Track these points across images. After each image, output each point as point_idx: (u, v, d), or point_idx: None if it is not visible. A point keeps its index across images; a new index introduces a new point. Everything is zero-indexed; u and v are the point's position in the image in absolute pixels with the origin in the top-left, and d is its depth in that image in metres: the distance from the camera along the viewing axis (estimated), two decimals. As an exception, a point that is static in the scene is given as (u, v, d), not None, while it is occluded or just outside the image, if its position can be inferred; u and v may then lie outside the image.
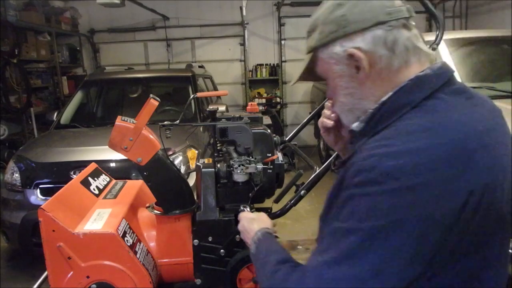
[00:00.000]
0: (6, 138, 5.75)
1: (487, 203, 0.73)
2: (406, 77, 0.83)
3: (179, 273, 1.85)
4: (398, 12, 0.84)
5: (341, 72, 0.88)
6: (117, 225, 1.62)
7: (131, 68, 6.20)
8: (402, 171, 0.70)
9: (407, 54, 0.84)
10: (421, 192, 0.69)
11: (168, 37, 7.96)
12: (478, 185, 0.72)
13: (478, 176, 0.72)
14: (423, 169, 0.70)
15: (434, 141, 0.73)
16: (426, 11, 1.69)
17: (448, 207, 0.70)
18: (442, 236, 0.70)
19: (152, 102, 1.72)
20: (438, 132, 0.74)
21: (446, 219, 0.70)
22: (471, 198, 0.71)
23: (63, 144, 3.86)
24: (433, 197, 0.69)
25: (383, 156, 0.73)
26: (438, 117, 0.77)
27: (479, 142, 0.75)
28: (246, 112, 1.98)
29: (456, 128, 0.75)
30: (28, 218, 3.17)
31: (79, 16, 7.76)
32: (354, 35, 0.84)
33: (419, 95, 0.81)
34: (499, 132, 0.81)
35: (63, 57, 7.50)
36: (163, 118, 2.16)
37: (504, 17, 6.13)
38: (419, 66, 0.85)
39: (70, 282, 1.58)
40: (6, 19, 5.52)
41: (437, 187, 0.70)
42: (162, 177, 1.77)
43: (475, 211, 0.72)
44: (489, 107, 0.85)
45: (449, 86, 0.83)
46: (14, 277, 3.42)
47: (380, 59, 0.84)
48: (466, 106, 0.81)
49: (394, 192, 0.70)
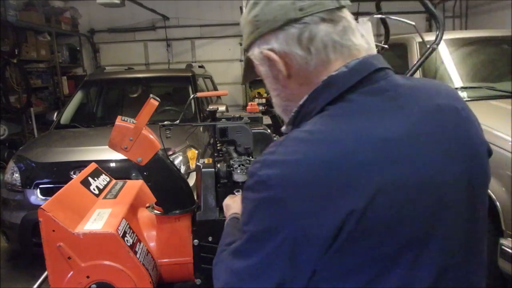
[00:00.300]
0: (6, 138, 5.75)
1: (376, 223, 0.66)
2: (325, 77, 0.77)
3: (179, 273, 1.85)
4: (312, 7, 0.75)
5: (266, 73, 0.83)
6: (117, 225, 1.62)
7: (131, 68, 6.20)
8: (275, 181, 0.67)
9: (325, 51, 0.76)
10: (293, 206, 0.66)
11: (168, 37, 7.97)
12: (360, 204, 0.65)
13: (362, 195, 0.65)
14: (295, 183, 0.66)
15: (313, 154, 0.67)
16: (426, 11, 1.69)
17: (322, 224, 0.65)
18: (318, 251, 0.66)
19: (152, 102, 1.72)
20: (321, 143, 0.68)
21: (320, 237, 0.65)
22: (350, 218, 0.64)
23: (63, 144, 3.86)
24: (305, 213, 0.65)
25: (263, 163, 0.70)
26: (330, 125, 0.71)
27: (373, 154, 0.67)
28: (246, 112, 1.98)
29: (344, 138, 0.68)
30: (28, 218, 3.16)
31: (79, 16, 7.76)
32: (268, 36, 0.78)
33: (326, 98, 0.74)
34: (434, 137, 0.73)
35: (63, 57, 7.52)
36: (163, 118, 2.16)
37: (504, 17, 6.13)
38: (342, 64, 0.76)
39: (70, 282, 1.58)
40: (6, 19, 5.53)
41: (309, 202, 0.65)
42: (162, 177, 1.77)
43: (355, 231, 0.65)
44: (427, 108, 0.76)
45: (368, 84, 0.74)
46: (14, 277, 3.41)
47: (296, 59, 0.77)
48: (380, 109, 0.72)
49: (268, 201, 0.68)
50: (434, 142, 0.73)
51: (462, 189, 0.74)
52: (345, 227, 0.65)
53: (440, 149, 0.73)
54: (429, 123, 0.74)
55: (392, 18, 2.72)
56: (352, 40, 0.78)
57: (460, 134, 0.77)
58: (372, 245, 0.67)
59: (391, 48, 2.96)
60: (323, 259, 0.66)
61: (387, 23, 2.88)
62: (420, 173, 0.70)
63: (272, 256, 0.68)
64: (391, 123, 0.71)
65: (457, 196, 0.73)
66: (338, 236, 0.65)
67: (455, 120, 0.78)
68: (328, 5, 0.76)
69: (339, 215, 0.65)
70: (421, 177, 0.70)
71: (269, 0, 0.78)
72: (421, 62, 2.57)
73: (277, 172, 0.67)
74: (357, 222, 0.65)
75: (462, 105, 0.82)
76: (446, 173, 0.72)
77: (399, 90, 0.76)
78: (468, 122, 0.80)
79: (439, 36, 2.42)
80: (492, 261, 2.36)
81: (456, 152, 0.75)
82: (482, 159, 0.80)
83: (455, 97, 0.84)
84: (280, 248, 0.67)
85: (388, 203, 0.66)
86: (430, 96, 0.78)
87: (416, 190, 0.69)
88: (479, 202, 0.78)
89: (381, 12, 2.77)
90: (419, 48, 3.43)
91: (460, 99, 0.84)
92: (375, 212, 0.66)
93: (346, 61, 0.76)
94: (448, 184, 0.72)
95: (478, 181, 0.78)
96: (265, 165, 0.70)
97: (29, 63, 6.60)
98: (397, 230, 0.67)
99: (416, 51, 3.44)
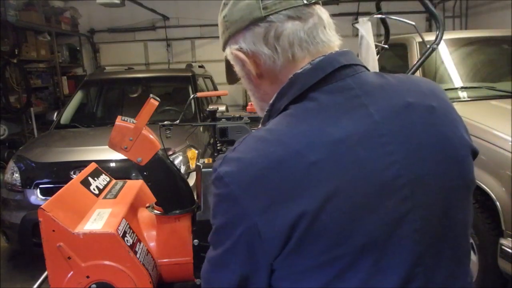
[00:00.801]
0: (6, 138, 5.75)
1: (330, 225, 0.64)
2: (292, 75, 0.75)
3: (179, 273, 1.85)
4: (277, 4, 0.74)
5: (240, 73, 0.83)
6: (117, 225, 1.62)
7: (131, 68, 6.20)
8: (231, 179, 0.67)
9: (292, 50, 0.75)
10: (246, 203, 0.66)
11: (168, 37, 7.97)
12: (311, 206, 0.63)
13: (313, 196, 0.64)
14: (248, 181, 0.66)
15: (267, 153, 0.67)
16: (426, 11, 1.69)
17: (274, 224, 0.65)
18: (273, 250, 0.66)
19: (152, 102, 1.73)
20: (277, 143, 0.67)
21: (273, 236, 0.65)
22: (301, 219, 0.63)
23: (63, 144, 3.87)
24: (257, 211, 0.65)
25: (223, 160, 0.71)
26: (288, 124, 0.70)
27: (326, 155, 0.65)
28: (246, 112, 1.98)
29: (299, 138, 0.67)
30: (28, 218, 3.17)
31: (79, 16, 7.76)
32: (237, 36, 0.78)
33: (289, 96, 0.74)
34: (400, 137, 0.70)
35: (63, 57, 7.52)
36: (163, 118, 2.16)
37: (504, 17, 6.14)
38: (310, 61, 0.75)
39: (70, 282, 1.58)
40: (6, 19, 5.52)
41: (260, 202, 0.65)
42: (162, 177, 1.77)
43: (308, 233, 0.64)
44: (395, 106, 0.72)
45: (333, 82, 0.72)
46: (14, 277, 3.41)
47: (264, 58, 0.76)
48: (340, 107, 0.70)
49: (225, 197, 0.69)
50: (398, 142, 0.70)
51: (431, 192, 0.70)
52: (296, 228, 0.64)
53: (405, 150, 0.70)
54: (394, 123, 0.71)
55: (392, 18, 2.72)
56: (321, 36, 0.76)
57: (432, 134, 0.73)
58: (328, 247, 0.65)
59: (391, 48, 2.96)
60: (279, 257, 0.67)
61: (387, 23, 2.88)
62: (378, 175, 0.67)
63: (232, 250, 0.70)
64: (349, 123, 0.69)
65: (425, 199, 0.70)
66: (291, 236, 0.65)
67: (427, 119, 0.74)
68: (295, 2, 0.75)
69: (290, 216, 0.64)
70: (380, 179, 0.67)
71: (236, 0, 0.78)
72: (421, 62, 2.57)
73: (233, 170, 0.68)
74: (310, 224, 0.64)
75: (442, 104, 0.77)
76: (411, 175, 0.69)
77: (365, 88, 0.73)
78: (445, 122, 0.76)
79: (439, 36, 2.42)
80: (492, 261, 2.36)
81: (424, 153, 0.71)
82: (460, 161, 0.75)
83: (434, 95, 0.78)
84: (238, 243, 0.68)
85: (342, 206, 0.65)
86: (401, 95, 0.75)
87: (374, 193, 0.66)
88: (455, 206, 0.74)
89: (381, 12, 2.76)
90: (419, 48, 3.43)
91: (439, 98, 0.78)
92: (329, 215, 0.64)
93: (313, 58, 0.75)
94: (413, 187, 0.69)
95: (453, 183, 0.73)
96: (224, 162, 0.70)
97: (29, 63, 6.60)
98: (353, 233, 0.65)
99: (416, 51, 3.44)
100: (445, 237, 0.72)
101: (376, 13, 2.76)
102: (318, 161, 0.65)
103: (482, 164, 2.37)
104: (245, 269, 0.70)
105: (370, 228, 0.66)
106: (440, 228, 0.72)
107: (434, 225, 0.71)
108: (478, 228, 2.42)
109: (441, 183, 0.72)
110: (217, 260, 0.73)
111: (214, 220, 0.72)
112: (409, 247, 0.68)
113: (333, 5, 7.64)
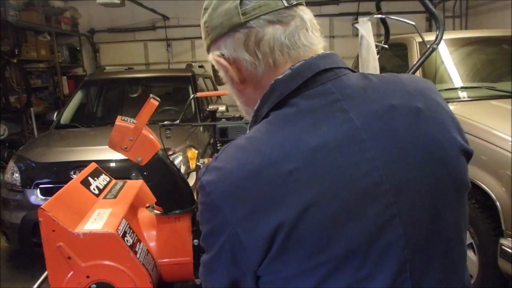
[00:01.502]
0: (6, 138, 5.75)
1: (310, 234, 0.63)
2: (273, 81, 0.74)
3: (179, 273, 1.85)
4: (256, 9, 0.72)
5: (224, 78, 0.82)
6: (117, 225, 1.62)
7: (131, 68, 6.20)
8: (212, 188, 0.67)
9: (272, 55, 0.73)
10: (226, 213, 0.66)
11: (168, 37, 7.96)
12: (289, 216, 0.63)
13: (291, 206, 0.63)
14: (227, 191, 0.66)
15: (244, 163, 0.66)
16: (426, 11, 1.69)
17: (253, 234, 0.65)
18: (255, 257, 0.66)
19: (152, 102, 1.73)
20: (255, 152, 0.67)
21: (254, 245, 0.65)
22: (280, 229, 0.63)
23: (63, 144, 3.87)
24: (236, 221, 0.65)
25: (207, 168, 0.71)
26: (267, 132, 0.69)
27: (303, 163, 0.64)
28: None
29: (275, 147, 0.66)
30: (28, 218, 3.17)
31: (79, 16, 7.76)
32: (218, 42, 0.77)
33: (270, 103, 0.72)
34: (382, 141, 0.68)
35: (63, 57, 7.51)
36: (163, 118, 2.16)
37: (504, 17, 6.13)
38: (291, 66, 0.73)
39: (70, 282, 1.58)
40: (6, 19, 5.52)
41: (239, 212, 0.65)
42: (162, 177, 1.77)
43: (288, 242, 0.63)
44: (377, 110, 0.70)
45: (313, 87, 0.71)
46: (14, 277, 3.41)
47: (245, 64, 0.75)
48: (319, 113, 0.68)
49: (208, 206, 0.69)
50: (380, 147, 0.67)
51: (417, 196, 0.68)
52: (276, 238, 0.64)
53: (388, 155, 0.68)
54: (376, 127, 0.69)
55: (392, 18, 2.71)
56: (302, 40, 0.74)
57: (417, 136, 0.70)
58: (309, 255, 0.64)
59: (391, 48, 2.96)
60: (262, 265, 0.66)
61: (387, 23, 2.88)
62: (359, 182, 0.65)
63: (219, 256, 0.70)
64: (328, 129, 0.67)
65: (411, 204, 0.68)
66: (271, 245, 0.64)
67: (411, 122, 0.71)
68: (275, 5, 0.72)
69: (269, 226, 0.63)
70: (360, 186, 0.65)
71: (216, 6, 0.76)
72: (421, 62, 2.57)
73: (214, 179, 0.68)
74: (288, 234, 0.63)
75: (429, 104, 0.74)
76: (394, 181, 0.67)
77: (346, 91, 0.70)
78: (432, 123, 0.73)
79: (439, 36, 2.42)
80: (492, 261, 2.36)
81: (409, 156, 0.69)
82: (448, 162, 0.72)
83: (421, 95, 0.75)
84: (222, 251, 0.69)
85: (321, 214, 0.63)
86: (384, 97, 0.72)
87: (355, 200, 0.65)
88: (445, 209, 0.72)
89: (381, 12, 2.76)
90: (419, 48, 3.42)
91: (427, 98, 0.75)
92: (307, 224, 0.63)
93: (294, 63, 0.73)
94: (396, 192, 0.67)
95: (441, 185, 0.71)
96: (207, 170, 0.70)
97: (29, 63, 6.60)
98: (334, 241, 0.64)
99: (416, 51, 3.43)
100: (434, 242, 0.70)
101: (376, 13, 2.76)
102: (294, 170, 0.64)
103: (482, 164, 2.37)
104: (232, 274, 0.71)
105: (352, 235, 0.64)
106: (429, 232, 0.70)
107: (421, 230, 0.69)
108: (478, 228, 2.41)
109: (427, 186, 0.69)
110: (208, 264, 0.75)
111: (202, 227, 0.73)
112: (395, 253, 0.66)
113: (333, 5, 7.65)
